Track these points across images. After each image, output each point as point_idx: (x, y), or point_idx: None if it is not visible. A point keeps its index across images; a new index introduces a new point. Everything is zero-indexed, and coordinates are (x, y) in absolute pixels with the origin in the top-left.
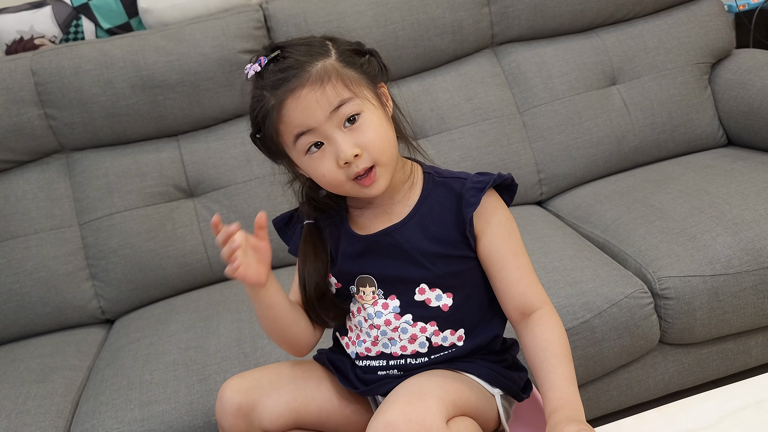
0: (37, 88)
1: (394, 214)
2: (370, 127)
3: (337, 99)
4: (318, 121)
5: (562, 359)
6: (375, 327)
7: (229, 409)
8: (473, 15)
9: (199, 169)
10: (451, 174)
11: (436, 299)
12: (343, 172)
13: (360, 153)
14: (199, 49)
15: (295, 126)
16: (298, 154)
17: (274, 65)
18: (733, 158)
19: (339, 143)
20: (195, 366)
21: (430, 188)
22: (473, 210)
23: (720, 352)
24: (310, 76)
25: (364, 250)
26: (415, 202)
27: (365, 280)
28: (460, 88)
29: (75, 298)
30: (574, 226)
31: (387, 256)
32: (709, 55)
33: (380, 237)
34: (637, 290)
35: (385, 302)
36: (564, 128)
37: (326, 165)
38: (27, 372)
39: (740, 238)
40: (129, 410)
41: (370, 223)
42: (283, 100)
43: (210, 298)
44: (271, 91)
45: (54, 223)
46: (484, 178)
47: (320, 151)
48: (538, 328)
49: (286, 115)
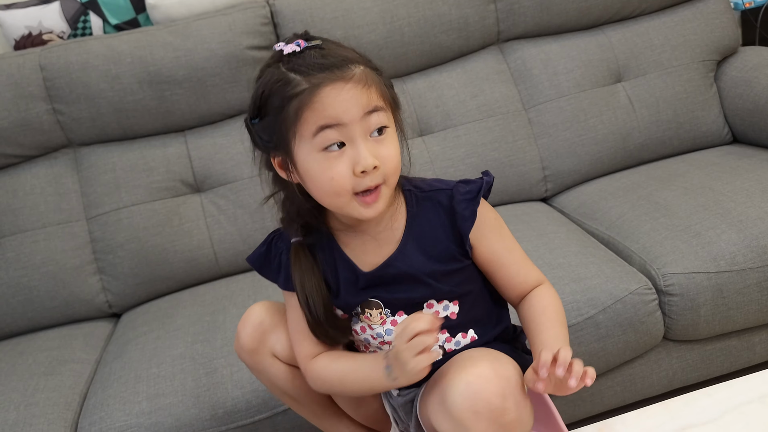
0: (46, 83)
1: (382, 240)
2: (392, 144)
3: (373, 104)
4: (351, 119)
5: (555, 322)
6: (387, 343)
7: (252, 321)
8: (479, 12)
9: (206, 165)
10: (432, 186)
11: (444, 309)
12: (354, 181)
13: (378, 166)
14: (206, 45)
15: (325, 116)
16: (310, 148)
17: (315, 51)
18: (739, 156)
19: (362, 149)
20: (202, 359)
21: (414, 207)
22: (471, 225)
23: (724, 349)
24: (354, 74)
25: (368, 283)
26: (403, 225)
27: (371, 304)
28: (466, 85)
29: (82, 292)
30: (579, 222)
31: (392, 283)
32: (715, 53)
33: (384, 270)
34: (641, 287)
35: (394, 319)
36: (569, 125)
37: (340, 168)
38: (35, 365)
39: (745, 235)
40: (137, 403)
41: (362, 251)
42: (320, 85)
43: (216, 292)
44: (305, 75)
45: (62, 218)
46: (471, 188)
47: (339, 152)
48: (534, 299)
49: (319, 102)
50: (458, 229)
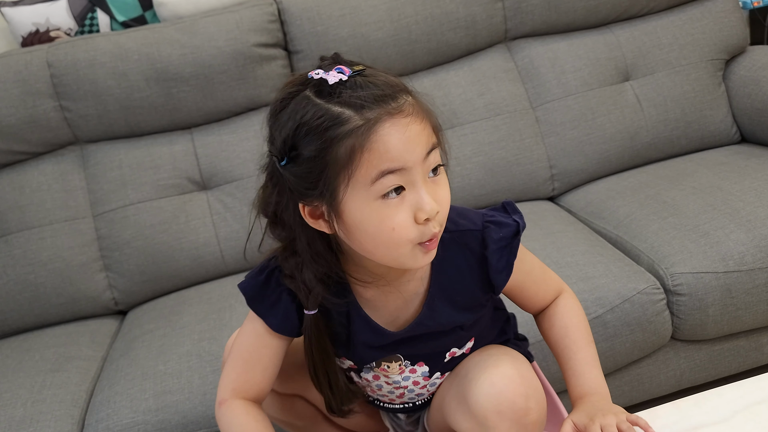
0: (53, 80)
1: (407, 292)
2: (446, 185)
3: (431, 141)
4: (415, 162)
5: (582, 344)
6: (402, 388)
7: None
8: (487, 10)
9: (212, 162)
10: (458, 225)
11: (462, 349)
12: (417, 230)
13: (439, 211)
14: (213, 42)
15: (388, 159)
16: (366, 196)
17: (360, 78)
18: (747, 155)
19: (425, 195)
20: (208, 357)
21: (440, 251)
22: (506, 278)
23: (732, 349)
24: (408, 105)
25: (392, 343)
26: (428, 274)
27: (390, 358)
28: (473, 83)
29: (89, 289)
30: (587, 221)
31: (417, 341)
32: (723, 52)
33: (413, 330)
34: (649, 286)
35: (413, 368)
36: (577, 124)
37: (401, 216)
38: (42, 361)
39: (754, 235)
40: (143, 400)
41: (383, 305)
42: (378, 122)
43: (222, 290)
44: (356, 110)
45: (68, 215)
46: (504, 233)
47: (400, 198)
48: (555, 317)
49: (379, 142)
50: (489, 280)
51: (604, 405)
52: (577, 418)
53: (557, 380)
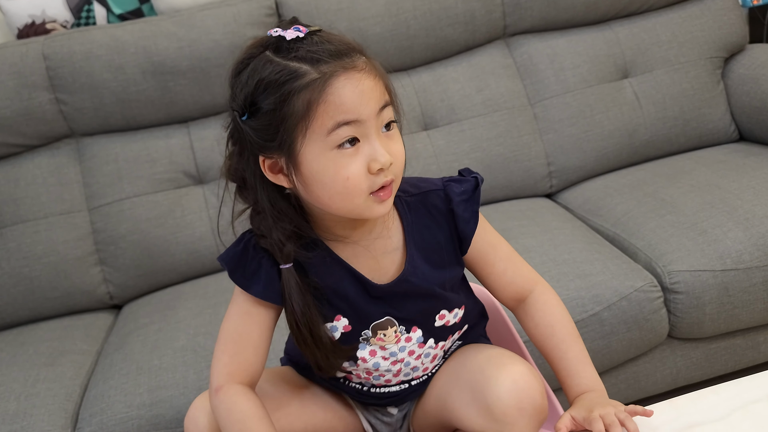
0: (49, 72)
1: (377, 250)
2: (399, 139)
3: (384, 97)
4: (369, 115)
5: (570, 342)
6: (399, 361)
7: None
8: (486, 5)
9: (209, 156)
10: (420, 188)
11: (454, 317)
12: (370, 179)
13: (392, 163)
14: (210, 35)
15: (344, 111)
16: (322, 147)
17: (317, 37)
18: (745, 153)
19: (378, 146)
20: (203, 352)
21: (406, 212)
22: (474, 227)
23: (728, 348)
24: (363, 63)
25: (379, 295)
26: (399, 233)
27: (385, 323)
28: (472, 79)
29: (83, 283)
30: (584, 219)
31: (404, 298)
32: (723, 50)
33: (398, 286)
34: (646, 284)
35: (408, 336)
36: (575, 121)
37: (355, 167)
38: (36, 355)
39: (751, 234)
40: (138, 395)
41: (356, 263)
42: (333, 75)
43: (218, 285)
44: (312, 64)
45: (63, 208)
46: (466, 187)
47: (354, 149)
48: (538, 313)
49: (334, 94)
50: (458, 233)
51: (602, 399)
52: (575, 412)
53: (548, 376)
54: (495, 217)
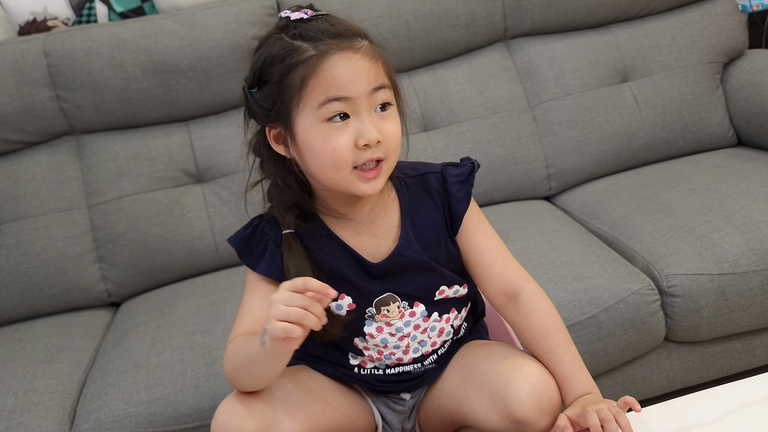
0: (50, 69)
1: (378, 229)
2: (395, 121)
3: (380, 80)
4: (360, 93)
5: (564, 345)
6: (405, 336)
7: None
8: (486, 8)
9: (209, 155)
10: (419, 170)
11: (453, 293)
12: (355, 154)
13: (381, 141)
14: (212, 34)
15: (334, 87)
16: (314, 118)
17: (322, 20)
18: (743, 158)
19: (366, 123)
20: (201, 350)
21: (404, 192)
22: (466, 206)
23: (725, 351)
24: (363, 46)
25: (378, 274)
26: (397, 212)
27: (387, 299)
28: (472, 81)
29: (82, 280)
30: (582, 221)
31: (401, 274)
32: (722, 55)
33: (393, 260)
34: (644, 287)
35: (412, 311)
36: (574, 124)
37: (342, 139)
38: (34, 352)
39: (748, 238)
40: (135, 392)
41: (357, 241)
42: (328, 53)
43: (217, 283)
44: (312, 42)
45: (63, 205)
46: (462, 170)
47: (343, 123)
48: (532, 314)
49: (327, 70)
50: (452, 211)
51: (596, 399)
52: (571, 411)
53: None
54: (494, 219)
